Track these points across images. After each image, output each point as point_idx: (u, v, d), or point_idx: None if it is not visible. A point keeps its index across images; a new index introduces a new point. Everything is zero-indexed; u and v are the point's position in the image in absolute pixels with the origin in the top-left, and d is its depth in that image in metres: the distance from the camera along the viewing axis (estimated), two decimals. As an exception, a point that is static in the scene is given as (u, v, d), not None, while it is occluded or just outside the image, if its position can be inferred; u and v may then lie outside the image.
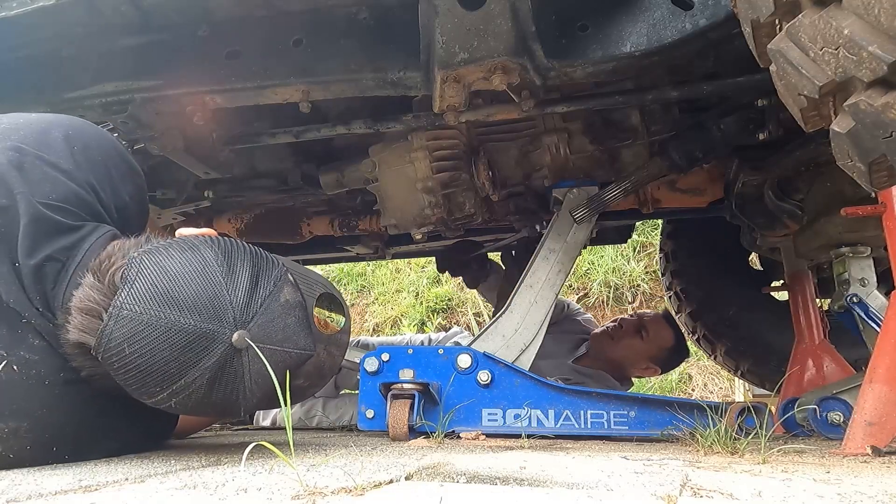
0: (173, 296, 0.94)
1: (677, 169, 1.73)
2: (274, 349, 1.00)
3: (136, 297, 0.94)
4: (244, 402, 1.01)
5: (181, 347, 0.93)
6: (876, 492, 0.73)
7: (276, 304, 1.02)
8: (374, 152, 1.82)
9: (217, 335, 0.94)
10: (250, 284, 1.00)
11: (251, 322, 0.97)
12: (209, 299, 0.95)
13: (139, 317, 0.93)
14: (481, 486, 0.73)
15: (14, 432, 0.98)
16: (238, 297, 0.98)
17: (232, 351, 0.95)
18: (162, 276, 0.96)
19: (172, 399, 0.96)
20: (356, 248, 2.49)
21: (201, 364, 0.94)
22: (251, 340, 0.96)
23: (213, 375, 0.95)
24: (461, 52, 1.22)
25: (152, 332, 0.93)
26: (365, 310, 6.43)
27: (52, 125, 1.14)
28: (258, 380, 0.99)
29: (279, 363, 1.01)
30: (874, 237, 1.73)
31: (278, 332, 1.01)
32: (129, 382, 0.96)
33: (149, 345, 0.93)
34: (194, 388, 0.95)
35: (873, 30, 0.69)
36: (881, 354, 1.23)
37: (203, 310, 0.94)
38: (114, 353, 0.93)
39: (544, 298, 1.69)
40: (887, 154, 0.76)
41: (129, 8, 1.33)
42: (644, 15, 1.28)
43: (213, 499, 0.67)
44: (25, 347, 1.00)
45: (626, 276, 5.52)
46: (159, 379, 0.94)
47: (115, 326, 0.93)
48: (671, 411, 1.49)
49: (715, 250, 2.83)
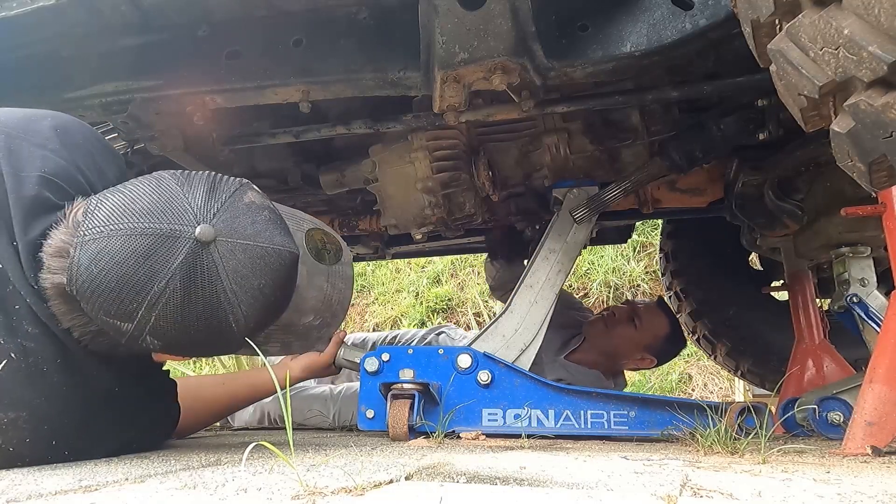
0: (131, 209, 0.93)
1: (677, 169, 1.74)
2: (246, 244, 0.95)
3: (96, 222, 0.92)
4: (231, 312, 0.95)
5: (144, 252, 0.90)
6: (876, 492, 0.73)
7: (239, 202, 0.98)
8: (374, 152, 1.82)
9: (179, 233, 0.91)
10: (208, 188, 0.97)
11: (214, 218, 0.94)
12: (165, 204, 0.93)
13: (100, 235, 0.91)
14: (481, 486, 0.73)
15: (13, 422, 0.97)
16: (196, 198, 0.95)
17: (198, 246, 0.91)
18: (120, 198, 0.95)
19: (152, 314, 0.92)
20: (356, 248, 2.49)
21: (169, 265, 0.90)
22: (217, 235, 0.92)
23: (186, 276, 0.91)
24: (461, 52, 1.22)
25: (114, 244, 0.90)
26: (365, 310, 6.43)
27: (35, 114, 1.14)
28: (239, 280, 0.94)
29: (257, 259, 0.96)
30: (874, 237, 1.73)
31: (247, 226, 0.97)
32: (106, 306, 0.92)
33: (112, 258, 0.90)
34: (169, 293, 0.91)
35: (873, 30, 0.69)
36: (881, 354, 1.23)
37: (161, 213, 0.92)
38: (84, 281, 0.91)
39: (544, 298, 1.69)
40: (887, 154, 0.76)
41: (129, 8, 1.33)
42: (644, 15, 1.28)
43: (213, 499, 0.67)
44: (22, 335, 0.99)
45: (626, 276, 5.53)
46: (132, 292, 0.91)
47: (81, 253, 0.91)
48: (671, 411, 1.49)
49: (715, 250, 2.83)
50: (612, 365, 2.55)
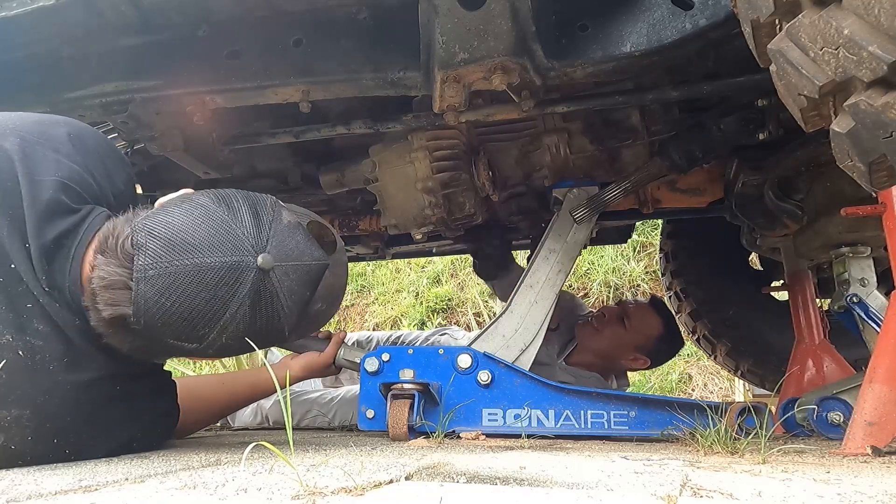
0: (189, 242, 0.99)
1: (677, 169, 1.73)
2: (295, 265, 1.06)
3: (155, 255, 0.98)
4: (286, 322, 1.06)
5: (215, 284, 0.98)
6: (876, 492, 0.73)
7: (280, 226, 1.07)
8: (374, 152, 1.82)
9: (243, 264, 1.00)
10: (252, 215, 1.05)
11: (267, 245, 1.03)
12: (223, 236, 1.01)
13: (165, 270, 0.97)
14: (481, 486, 0.73)
15: (17, 420, 0.99)
16: (247, 227, 1.03)
17: (261, 274, 1.01)
18: (171, 229, 1.00)
19: (223, 335, 1.01)
20: (356, 248, 2.49)
21: (238, 294, 1.00)
22: (274, 262, 1.02)
23: (253, 301, 1.01)
24: (461, 52, 1.22)
25: (183, 279, 0.97)
26: (365, 310, 6.43)
27: (49, 120, 1.18)
28: (291, 296, 1.06)
29: (303, 276, 1.08)
30: (874, 237, 1.73)
31: (292, 249, 1.07)
32: (179, 333, 1.00)
33: (184, 292, 0.97)
34: (239, 318, 1.01)
35: (873, 30, 0.69)
36: (881, 354, 1.23)
37: (221, 246, 1.00)
38: (155, 312, 0.97)
39: (544, 298, 1.69)
40: (887, 154, 0.76)
41: (129, 8, 1.33)
42: (644, 15, 1.28)
43: (213, 499, 0.67)
44: (31, 332, 1.01)
45: (626, 276, 5.53)
46: (205, 320, 0.99)
47: (146, 288, 0.97)
48: (671, 411, 1.49)
49: (715, 250, 2.83)
50: (606, 366, 2.50)
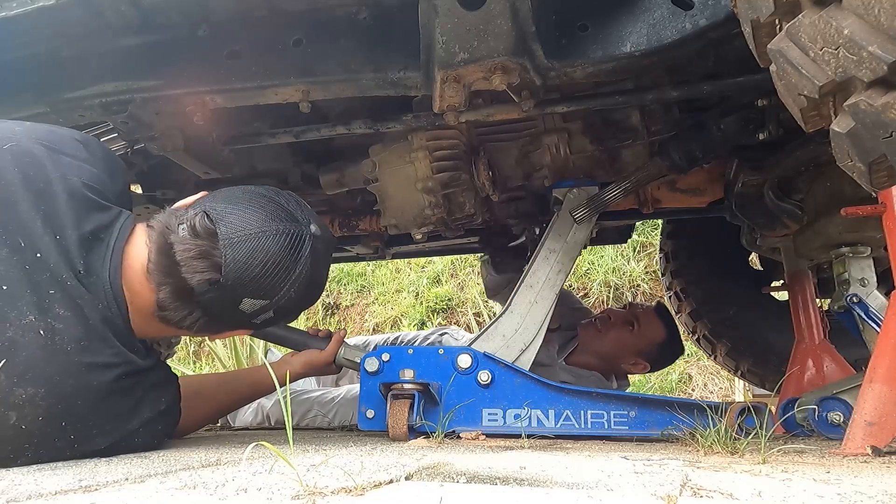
0: (260, 218, 1.18)
1: (677, 169, 1.73)
2: (326, 236, 1.28)
3: (235, 226, 1.16)
4: (326, 277, 1.33)
5: (288, 246, 1.18)
6: (876, 492, 0.73)
7: (307, 207, 1.29)
8: (374, 152, 1.82)
9: (303, 231, 1.21)
10: (294, 199, 1.27)
11: (311, 220, 1.25)
12: (282, 210, 1.22)
13: (249, 238, 1.15)
14: (481, 486, 0.73)
15: (31, 398, 1.03)
16: (294, 206, 1.25)
17: (314, 239, 1.23)
18: (238, 205, 1.20)
19: (292, 289, 1.20)
20: (356, 248, 2.49)
21: (304, 252, 1.20)
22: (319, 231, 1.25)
23: (312, 259, 1.22)
24: (461, 52, 1.22)
25: (265, 242, 1.16)
26: (365, 310, 6.43)
27: (59, 129, 1.29)
28: (327, 258, 1.31)
29: (330, 244, 1.31)
30: (874, 237, 1.73)
31: (322, 224, 1.29)
32: (258, 290, 1.17)
33: (267, 252, 1.16)
34: (304, 273, 1.20)
35: (873, 30, 0.69)
36: (881, 354, 1.23)
37: (285, 217, 1.21)
38: (244, 271, 1.15)
39: (544, 298, 1.69)
40: (887, 154, 0.76)
41: (129, 8, 1.33)
42: (644, 15, 1.27)
43: (213, 499, 0.67)
44: (52, 315, 1.06)
45: (626, 276, 5.53)
46: (284, 275, 1.18)
47: (235, 251, 1.14)
48: (671, 411, 1.49)
49: (715, 250, 2.83)
50: (606, 368, 2.49)
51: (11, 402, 1.02)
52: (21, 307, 1.04)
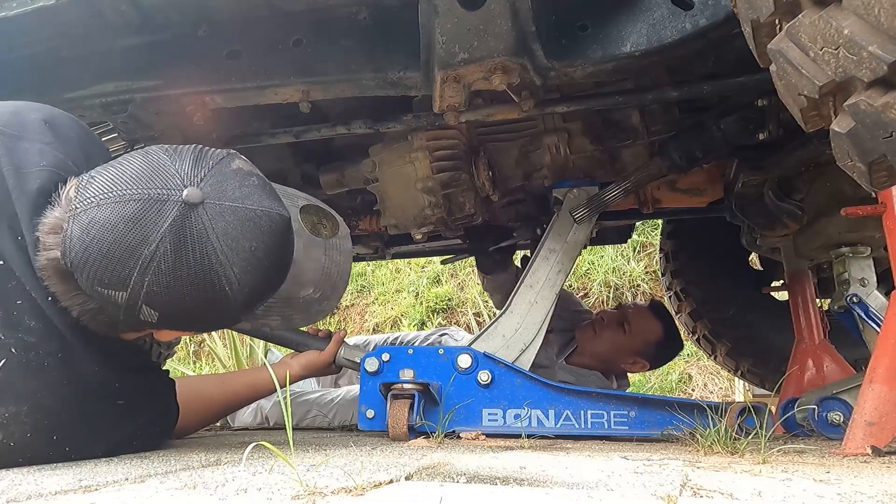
0: (120, 179, 0.94)
1: (677, 169, 1.73)
2: (235, 206, 0.96)
3: (88, 194, 0.94)
4: (225, 276, 0.95)
5: (133, 217, 0.91)
6: (876, 492, 0.73)
7: (226, 168, 0.99)
8: (374, 152, 1.82)
9: (167, 196, 0.93)
10: (195, 157, 0.98)
11: (201, 182, 0.95)
12: (153, 172, 0.95)
13: (91, 207, 0.93)
14: (481, 486, 0.73)
15: (14, 417, 0.98)
16: (184, 165, 0.96)
17: (186, 209, 0.92)
18: (110, 171, 0.96)
19: (145, 279, 0.92)
20: (356, 248, 2.49)
21: (158, 228, 0.91)
22: (204, 198, 0.93)
23: (175, 238, 0.92)
24: (461, 52, 1.22)
25: (104, 212, 0.92)
26: (365, 310, 6.43)
27: (24, 108, 1.15)
28: (229, 242, 0.95)
29: (246, 221, 0.96)
30: (874, 237, 1.73)
31: (234, 189, 0.97)
32: (100, 275, 0.93)
33: (103, 226, 0.92)
34: (160, 256, 0.92)
35: (873, 30, 0.69)
36: (881, 354, 1.23)
37: (149, 179, 0.94)
38: (77, 252, 0.93)
39: (544, 298, 1.69)
40: (887, 154, 0.76)
41: (129, 8, 1.33)
42: (644, 15, 1.28)
43: (213, 499, 0.67)
44: (23, 329, 1.00)
45: (626, 276, 5.53)
46: (123, 257, 0.92)
47: (74, 225, 0.93)
48: (671, 411, 1.49)
49: (715, 250, 2.83)
50: (606, 368, 2.49)
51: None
52: None
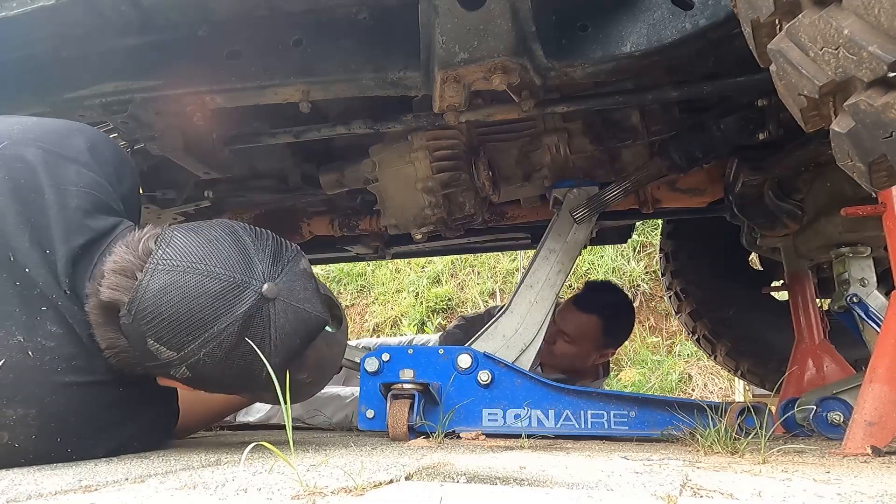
0: (207, 252, 1.02)
1: (677, 169, 1.73)
2: (296, 307, 1.06)
3: (171, 253, 1.01)
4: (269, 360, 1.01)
5: (215, 294, 0.99)
6: (876, 492, 0.73)
7: (297, 268, 1.10)
8: (374, 152, 1.82)
9: (249, 285, 1.01)
10: (275, 249, 1.08)
11: (278, 278, 1.04)
12: (240, 257, 1.03)
13: (176, 269, 1.00)
14: (481, 486, 0.73)
15: (22, 419, 1.01)
16: (265, 257, 1.06)
17: (262, 300, 1.01)
18: (196, 236, 1.04)
19: (202, 350, 0.99)
20: (356, 248, 2.49)
21: (234, 311, 0.99)
22: (278, 294, 1.03)
23: (244, 323, 1.00)
24: (461, 52, 1.22)
25: (189, 279, 0.99)
26: (365, 310, 6.43)
27: (65, 128, 1.22)
28: (282, 336, 1.04)
29: (301, 322, 1.07)
30: (874, 237, 1.73)
31: (300, 291, 1.08)
32: (161, 334, 0.99)
33: (185, 292, 0.98)
34: (224, 336, 0.99)
35: (873, 30, 0.69)
36: (881, 354, 1.23)
37: (236, 264, 1.02)
38: (149, 305, 0.98)
39: (544, 298, 1.69)
40: (887, 154, 0.76)
41: (129, 8, 1.33)
42: (644, 15, 1.27)
43: (213, 499, 0.67)
44: (42, 334, 1.03)
45: (626, 276, 5.53)
46: (193, 326, 0.98)
47: (152, 279, 0.99)
48: (671, 411, 1.49)
49: (715, 250, 2.83)
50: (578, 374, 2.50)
51: (2, 422, 1.00)
52: (10, 326, 1.01)
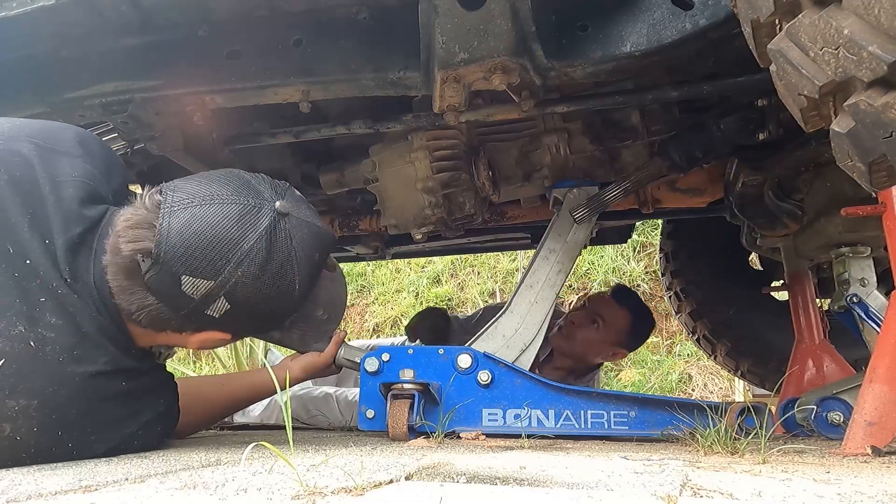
0: (214, 187, 1.10)
1: (677, 169, 1.73)
2: (307, 221, 1.17)
3: (182, 195, 1.08)
4: (297, 273, 1.13)
5: (237, 216, 1.07)
6: (876, 492, 0.73)
7: (294, 194, 1.20)
8: (374, 152, 1.82)
9: (263, 204, 1.10)
10: (270, 181, 1.18)
11: (284, 199, 1.14)
12: (244, 184, 1.12)
13: (192, 205, 1.07)
14: (481, 486, 0.73)
15: (23, 410, 1.01)
16: (266, 185, 1.16)
17: (278, 216, 1.10)
18: (198, 179, 1.13)
19: (239, 269, 1.06)
20: (356, 248, 2.49)
21: (258, 227, 1.08)
22: (289, 210, 1.13)
23: (269, 238, 1.08)
24: (461, 52, 1.22)
25: (208, 210, 1.06)
26: (365, 310, 6.44)
27: (55, 126, 1.26)
28: (303, 248, 1.14)
29: (315, 237, 1.18)
30: (874, 237, 1.73)
31: (306, 209, 1.18)
32: (196, 264, 1.05)
33: (209, 220, 1.06)
34: (256, 251, 1.07)
35: (873, 30, 0.69)
36: (881, 354, 1.23)
37: (243, 191, 1.11)
38: (176, 242, 1.04)
39: (544, 298, 1.69)
40: (887, 154, 0.76)
41: (129, 8, 1.33)
42: (644, 15, 1.27)
43: (213, 499, 0.67)
44: (43, 325, 1.04)
45: (626, 276, 5.53)
46: (226, 248, 1.05)
47: (172, 219, 1.05)
48: (671, 411, 1.49)
49: (715, 250, 2.83)
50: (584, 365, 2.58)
51: (4, 414, 1.01)
52: (10, 317, 1.02)
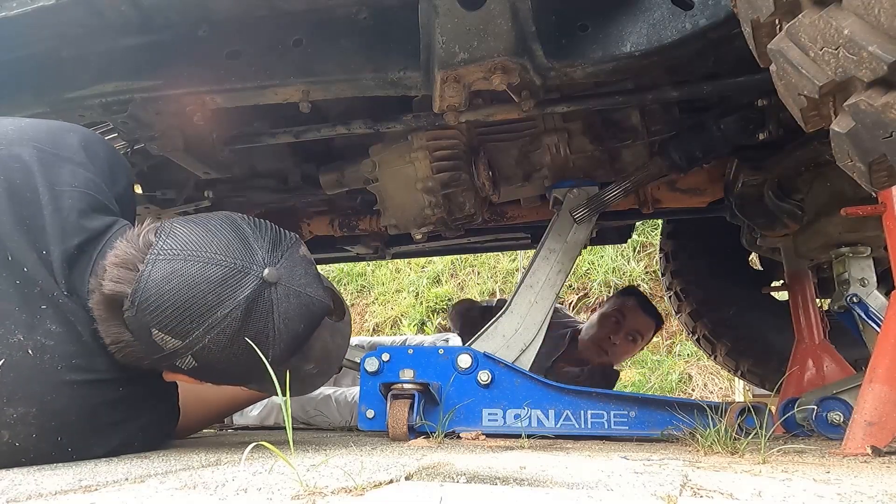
0: (207, 241, 1.03)
1: (677, 169, 1.73)
2: (299, 291, 1.08)
3: (173, 244, 1.02)
4: (272, 346, 1.05)
5: (218, 280, 1.00)
6: (876, 492, 0.73)
7: (296, 254, 1.11)
8: (374, 152, 1.82)
9: (250, 270, 1.03)
10: (273, 237, 1.10)
11: (279, 263, 1.06)
12: (240, 242, 1.05)
13: (177, 258, 1.01)
14: (481, 486, 0.73)
15: (22, 418, 1.01)
16: (265, 244, 1.07)
17: (263, 285, 1.02)
18: (195, 226, 1.06)
19: (207, 336, 1.00)
20: (356, 248, 2.49)
21: (236, 296, 1.01)
22: (279, 279, 1.04)
23: (247, 308, 1.01)
24: (461, 52, 1.22)
25: (191, 267, 1.00)
26: (365, 310, 6.44)
27: (58, 127, 1.22)
28: (285, 320, 1.06)
29: (304, 307, 1.08)
30: (874, 237, 1.73)
31: (300, 277, 1.09)
32: (166, 322, 1.00)
33: (187, 279, 1.00)
34: (228, 321, 1.01)
35: (873, 30, 0.69)
36: (881, 354, 1.23)
37: (236, 251, 1.03)
38: (152, 294, 0.99)
39: (544, 298, 1.69)
40: (887, 154, 0.76)
41: (129, 8, 1.33)
42: (644, 15, 1.27)
43: (213, 499, 0.67)
44: (42, 332, 1.04)
45: (626, 276, 5.53)
46: (197, 312, 1.00)
47: (154, 269, 1.00)
48: (671, 411, 1.49)
49: (715, 250, 2.83)
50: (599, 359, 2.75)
51: (3, 421, 1.00)
52: (9, 325, 1.02)
